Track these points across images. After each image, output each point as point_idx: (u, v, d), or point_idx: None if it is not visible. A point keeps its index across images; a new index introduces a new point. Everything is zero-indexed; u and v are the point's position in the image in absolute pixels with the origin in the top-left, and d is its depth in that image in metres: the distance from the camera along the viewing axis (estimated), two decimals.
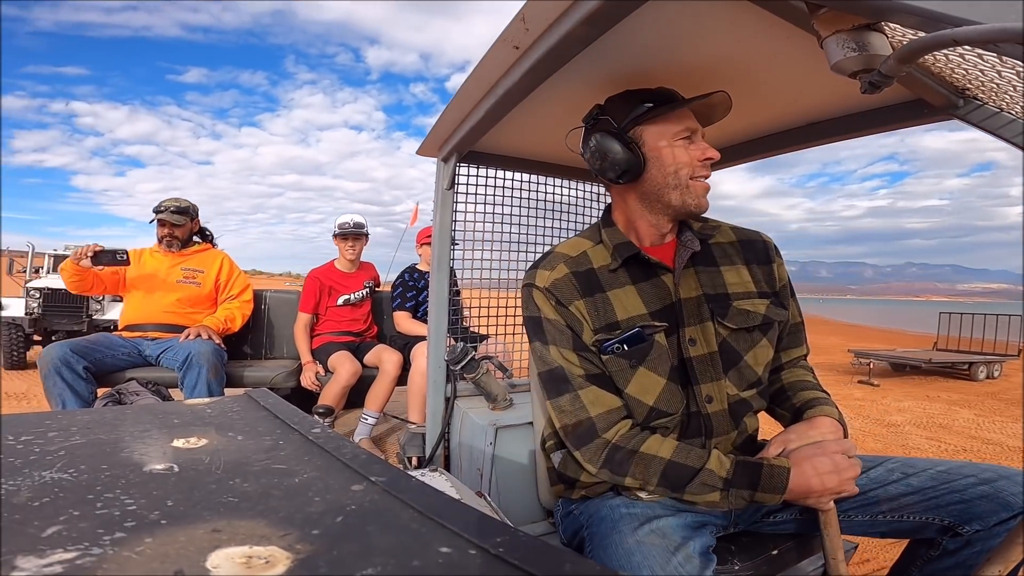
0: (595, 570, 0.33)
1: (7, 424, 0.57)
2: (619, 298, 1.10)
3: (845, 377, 8.64)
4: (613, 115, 1.12)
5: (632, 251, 1.11)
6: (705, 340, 1.09)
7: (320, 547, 0.34)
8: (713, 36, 1.00)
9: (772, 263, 1.20)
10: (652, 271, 1.13)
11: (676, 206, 1.10)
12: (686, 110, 1.10)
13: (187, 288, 3.07)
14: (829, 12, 0.66)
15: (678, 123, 1.09)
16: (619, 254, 1.12)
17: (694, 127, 1.10)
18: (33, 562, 0.31)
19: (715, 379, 1.09)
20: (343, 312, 3.33)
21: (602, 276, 1.12)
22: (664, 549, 0.93)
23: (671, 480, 1.00)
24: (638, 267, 1.13)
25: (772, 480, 0.96)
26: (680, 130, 1.08)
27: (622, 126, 1.10)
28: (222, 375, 2.81)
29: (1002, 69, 0.75)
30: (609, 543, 0.98)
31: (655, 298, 1.11)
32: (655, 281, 1.12)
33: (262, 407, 0.70)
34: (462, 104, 1.33)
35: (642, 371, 1.07)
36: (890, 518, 1.08)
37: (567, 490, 1.22)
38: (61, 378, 2.48)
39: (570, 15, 0.84)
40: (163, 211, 3.04)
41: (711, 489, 0.98)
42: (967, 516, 1.01)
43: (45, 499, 0.39)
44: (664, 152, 1.09)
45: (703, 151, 1.09)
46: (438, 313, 1.79)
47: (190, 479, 0.45)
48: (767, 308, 1.14)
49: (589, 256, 1.15)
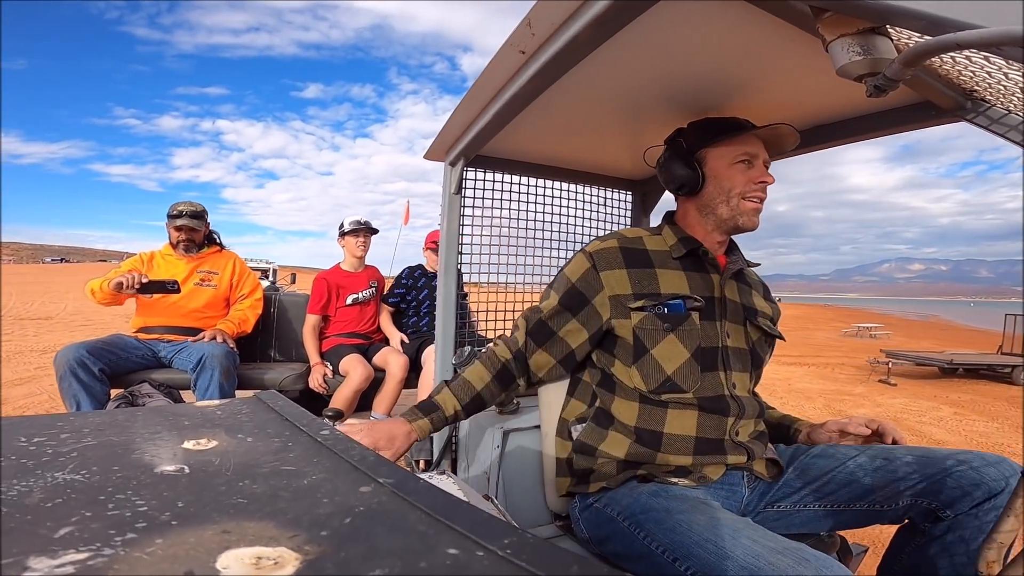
0: (603, 571, 0.33)
1: (20, 426, 0.58)
2: (667, 277, 1.23)
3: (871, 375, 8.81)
4: (687, 137, 1.29)
5: (696, 244, 1.26)
6: (737, 337, 1.25)
7: (328, 548, 0.34)
8: (719, 40, 1.00)
9: (771, 298, 1.42)
10: (704, 267, 1.27)
11: (726, 219, 1.24)
12: (750, 137, 1.23)
13: (204, 291, 3.09)
14: (833, 16, 0.66)
15: (737, 148, 1.22)
16: (684, 245, 1.27)
17: (754, 153, 1.23)
18: (46, 563, 0.31)
19: (742, 371, 1.24)
20: (352, 312, 3.34)
21: (655, 256, 1.26)
22: (743, 521, 0.96)
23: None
24: (693, 262, 1.27)
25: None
26: (739, 154, 1.22)
27: (689, 146, 1.27)
28: (234, 377, 2.82)
29: (1009, 71, 0.75)
30: (678, 524, 0.99)
31: (701, 287, 1.24)
32: (704, 276, 1.26)
33: (271, 409, 0.70)
34: (469, 108, 1.33)
35: (671, 338, 1.19)
36: (881, 506, 1.12)
37: (578, 484, 1.24)
38: (77, 379, 2.49)
39: (576, 19, 0.85)
40: (181, 215, 3.06)
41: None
42: (949, 499, 1.05)
43: (58, 500, 0.40)
44: (721, 172, 1.23)
45: (759, 175, 1.22)
46: (446, 317, 1.79)
47: (200, 480, 0.45)
48: (769, 328, 1.32)
49: (644, 241, 1.29)
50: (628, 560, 1.07)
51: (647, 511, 1.06)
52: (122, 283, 2.72)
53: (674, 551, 0.95)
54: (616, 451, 1.19)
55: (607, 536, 1.14)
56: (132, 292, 2.77)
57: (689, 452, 1.15)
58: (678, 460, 1.15)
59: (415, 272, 3.49)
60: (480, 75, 1.16)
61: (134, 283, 2.74)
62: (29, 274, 40.77)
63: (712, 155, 1.24)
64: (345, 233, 3.39)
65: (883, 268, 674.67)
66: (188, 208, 3.10)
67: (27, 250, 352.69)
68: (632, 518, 1.08)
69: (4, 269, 52.97)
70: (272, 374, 3.06)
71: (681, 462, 1.15)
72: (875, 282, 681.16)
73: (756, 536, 0.89)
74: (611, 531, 1.13)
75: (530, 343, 1.28)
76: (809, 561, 0.81)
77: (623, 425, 1.21)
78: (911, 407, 6.61)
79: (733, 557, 0.86)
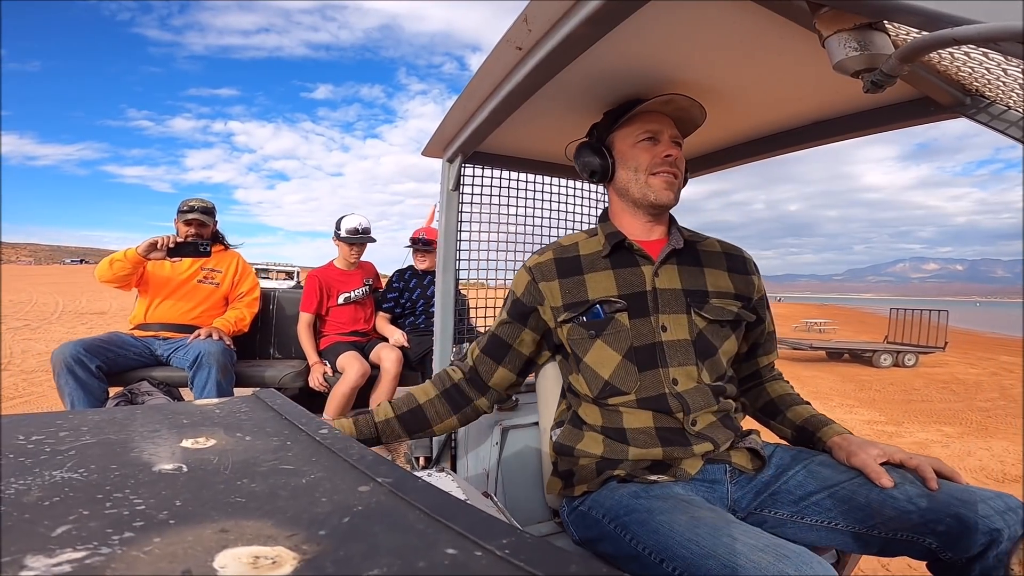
0: (601, 571, 0.33)
1: (18, 424, 0.58)
2: (595, 280, 1.24)
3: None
4: (598, 128, 1.33)
5: (619, 238, 1.25)
6: (677, 328, 1.20)
7: (327, 547, 0.34)
8: (716, 35, 1.00)
9: (750, 275, 1.33)
10: (634, 260, 1.26)
11: (639, 198, 1.24)
12: (652, 114, 1.24)
13: (205, 288, 3.09)
14: (830, 11, 0.66)
15: (638, 127, 1.24)
16: (609, 241, 1.26)
17: (656, 129, 1.23)
18: (43, 561, 0.31)
19: (683, 364, 1.18)
20: (346, 311, 3.33)
21: (585, 261, 1.27)
22: (723, 518, 0.95)
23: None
24: (622, 255, 1.26)
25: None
26: (640, 133, 1.24)
27: (599, 135, 1.32)
28: (231, 375, 2.81)
29: (1007, 67, 0.75)
30: (660, 524, 0.98)
31: (627, 284, 1.23)
32: (634, 270, 1.24)
33: (270, 408, 0.70)
34: (466, 105, 1.33)
35: (599, 343, 1.20)
36: (882, 533, 1.04)
37: (567, 488, 1.24)
38: (73, 376, 2.49)
39: (572, 15, 0.84)
40: (193, 210, 3.05)
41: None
42: (950, 540, 0.98)
43: (55, 498, 0.40)
44: (626, 153, 1.26)
45: (663, 150, 1.22)
46: (444, 314, 1.79)
47: (198, 479, 0.45)
48: (739, 309, 1.27)
49: (579, 245, 1.30)
50: (620, 561, 1.07)
51: (629, 512, 1.06)
52: (156, 242, 2.74)
53: (659, 552, 0.95)
54: (593, 449, 1.19)
55: (597, 538, 1.14)
56: (161, 256, 2.78)
57: (656, 443, 1.14)
58: (650, 453, 1.14)
59: (405, 274, 3.48)
60: (477, 71, 1.16)
61: (169, 241, 2.77)
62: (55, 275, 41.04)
63: (618, 138, 1.27)
64: (340, 239, 3.34)
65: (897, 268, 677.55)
66: (199, 204, 3.10)
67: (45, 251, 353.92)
68: (617, 520, 1.08)
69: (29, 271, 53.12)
70: (272, 372, 3.05)
71: (654, 455, 1.13)
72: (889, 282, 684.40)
73: (736, 533, 0.88)
74: (599, 533, 1.12)
75: (487, 361, 1.31)
76: (789, 558, 0.81)
77: (591, 426, 1.22)
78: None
79: (715, 556, 0.86)
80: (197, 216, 3.04)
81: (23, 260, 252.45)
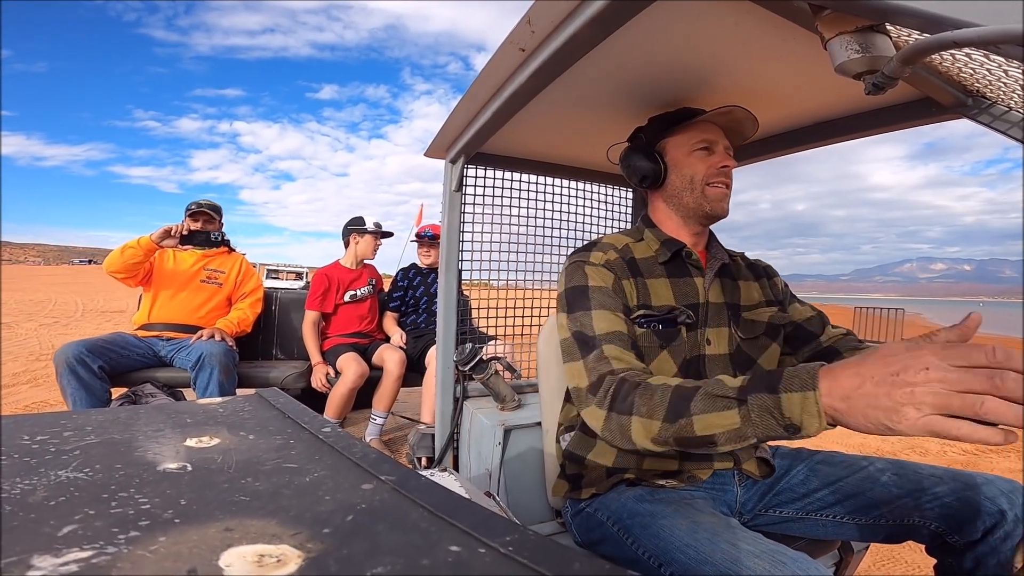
0: (604, 569, 0.33)
1: (22, 424, 0.58)
2: (655, 287, 1.19)
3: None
4: (646, 132, 1.30)
5: (678, 247, 1.22)
6: (720, 342, 1.19)
7: (330, 546, 0.34)
8: (718, 37, 1.00)
9: (772, 278, 1.35)
10: (687, 271, 1.23)
11: (693, 208, 1.22)
12: (707, 123, 1.22)
13: (208, 289, 3.10)
14: (832, 13, 0.66)
15: (694, 135, 1.21)
16: (667, 248, 1.22)
17: (712, 139, 1.21)
18: (49, 561, 0.31)
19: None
20: (351, 310, 3.35)
21: (643, 265, 1.21)
22: (723, 523, 0.95)
23: (677, 406, 0.85)
24: (677, 264, 1.23)
25: (799, 376, 0.74)
26: (696, 141, 1.21)
27: (649, 139, 1.28)
28: (234, 376, 2.82)
29: (1008, 69, 0.75)
30: (660, 529, 0.99)
31: (683, 295, 1.20)
32: (687, 280, 1.22)
33: (273, 407, 0.71)
34: (469, 106, 1.33)
35: (664, 355, 1.14)
36: (888, 521, 1.08)
37: (573, 490, 1.24)
38: (76, 377, 2.49)
39: (576, 16, 0.85)
40: (200, 207, 3.09)
41: (723, 403, 0.80)
42: (955, 523, 1.01)
43: (61, 498, 0.40)
44: (681, 161, 1.22)
45: (719, 160, 1.20)
46: (447, 314, 1.79)
47: (202, 478, 0.45)
48: (771, 316, 1.26)
49: (631, 248, 1.25)
50: (620, 564, 1.07)
51: (633, 516, 1.06)
52: (170, 229, 2.78)
53: (658, 556, 0.96)
54: (603, 460, 1.18)
55: (599, 540, 1.14)
56: (174, 243, 2.82)
57: (675, 457, 1.13)
58: (664, 465, 1.14)
59: (409, 272, 3.52)
60: (480, 73, 1.16)
61: (182, 229, 2.81)
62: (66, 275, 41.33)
63: (671, 145, 1.24)
64: (367, 231, 3.40)
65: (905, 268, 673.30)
66: (206, 203, 3.14)
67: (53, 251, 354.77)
68: (620, 523, 1.08)
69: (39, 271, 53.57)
70: (274, 372, 3.06)
71: (668, 467, 1.14)
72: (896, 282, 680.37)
73: (735, 539, 0.89)
74: (602, 535, 1.13)
75: (630, 356, 1.06)
76: (786, 564, 0.82)
77: None
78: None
79: (712, 562, 0.86)
80: (205, 210, 3.09)
81: (32, 260, 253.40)
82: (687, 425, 0.83)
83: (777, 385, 0.75)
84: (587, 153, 1.79)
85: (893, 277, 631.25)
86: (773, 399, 0.75)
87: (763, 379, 0.78)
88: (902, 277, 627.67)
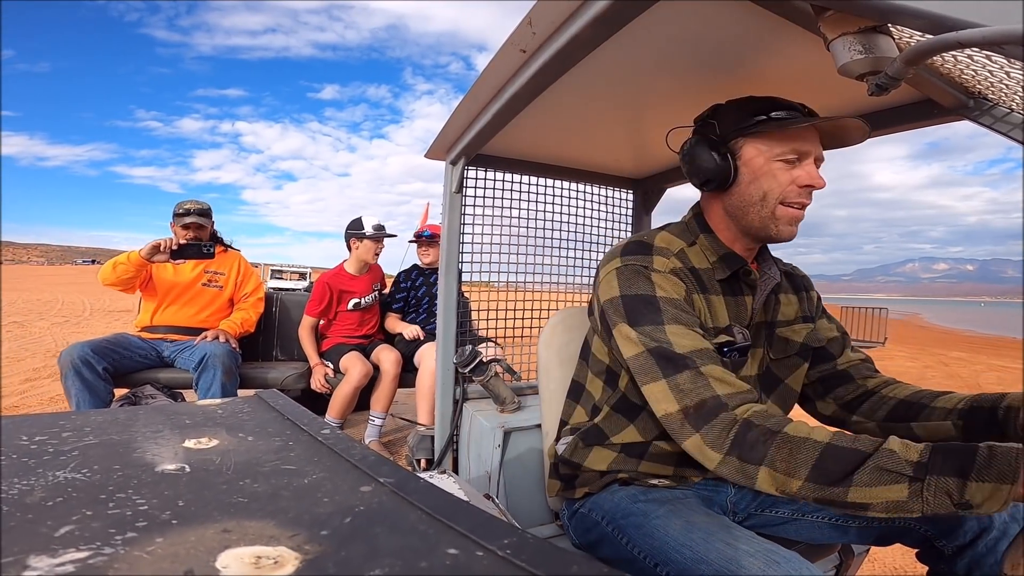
0: (602, 571, 0.33)
1: (21, 424, 0.58)
2: (714, 305, 1.06)
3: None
4: (720, 120, 1.05)
5: (740, 264, 1.07)
6: (753, 363, 1.12)
7: (328, 548, 0.34)
8: (719, 38, 1.00)
9: (809, 291, 1.25)
10: (740, 288, 1.10)
11: (756, 227, 1.03)
12: (805, 130, 0.99)
13: (210, 292, 3.09)
14: (835, 14, 0.66)
15: (784, 143, 0.98)
16: (727, 266, 1.07)
17: (805, 150, 0.99)
18: (46, 561, 0.31)
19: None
20: (353, 317, 3.33)
21: (704, 277, 1.07)
22: (718, 523, 0.95)
23: (829, 469, 0.75)
24: (730, 281, 1.10)
25: (995, 463, 0.66)
26: (784, 151, 0.98)
27: (723, 134, 1.04)
28: (236, 377, 2.82)
29: (1011, 70, 0.75)
30: (655, 529, 0.98)
31: (736, 316, 1.09)
32: (740, 300, 1.10)
33: (272, 408, 0.70)
34: (469, 108, 1.33)
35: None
36: (878, 523, 1.08)
37: (566, 490, 1.22)
38: (80, 378, 2.49)
39: (577, 17, 0.84)
40: (189, 213, 3.02)
41: (894, 477, 0.70)
42: (943, 526, 1.01)
43: (58, 499, 0.40)
44: (759, 168, 1.00)
45: (806, 178, 0.99)
46: (447, 316, 1.79)
47: (201, 479, 0.45)
48: (806, 335, 1.17)
49: (687, 255, 1.09)
50: (617, 565, 1.06)
51: (627, 516, 1.05)
52: (159, 245, 2.71)
53: (653, 556, 0.96)
54: (598, 465, 1.16)
55: (596, 541, 1.13)
56: (165, 258, 2.76)
57: (671, 463, 1.12)
58: (661, 470, 1.13)
59: (411, 273, 3.51)
60: (481, 74, 1.15)
61: (171, 244, 2.74)
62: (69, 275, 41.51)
63: (750, 146, 1.01)
64: (365, 236, 3.27)
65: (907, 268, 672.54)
66: (195, 206, 3.07)
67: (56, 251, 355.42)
68: (614, 523, 1.08)
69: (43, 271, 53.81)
70: (274, 373, 3.06)
71: (663, 471, 1.13)
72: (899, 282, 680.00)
73: (730, 539, 0.89)
74: (598, 536, 1.12)
75: (734, 377, 0.93)
76: (779, 563, 0.82)
77: (613, 444, 1.14)
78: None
79: (708, 561, 0.86)
80: (195, 219, 3.02)
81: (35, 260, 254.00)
82: (841, 492, 0.74)
83: (969, 472, 0.67)
84: (588, 155, 1.79)
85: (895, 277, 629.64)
86: (958, 483, 0.67)
87: (949, 458, 0.69)
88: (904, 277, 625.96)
